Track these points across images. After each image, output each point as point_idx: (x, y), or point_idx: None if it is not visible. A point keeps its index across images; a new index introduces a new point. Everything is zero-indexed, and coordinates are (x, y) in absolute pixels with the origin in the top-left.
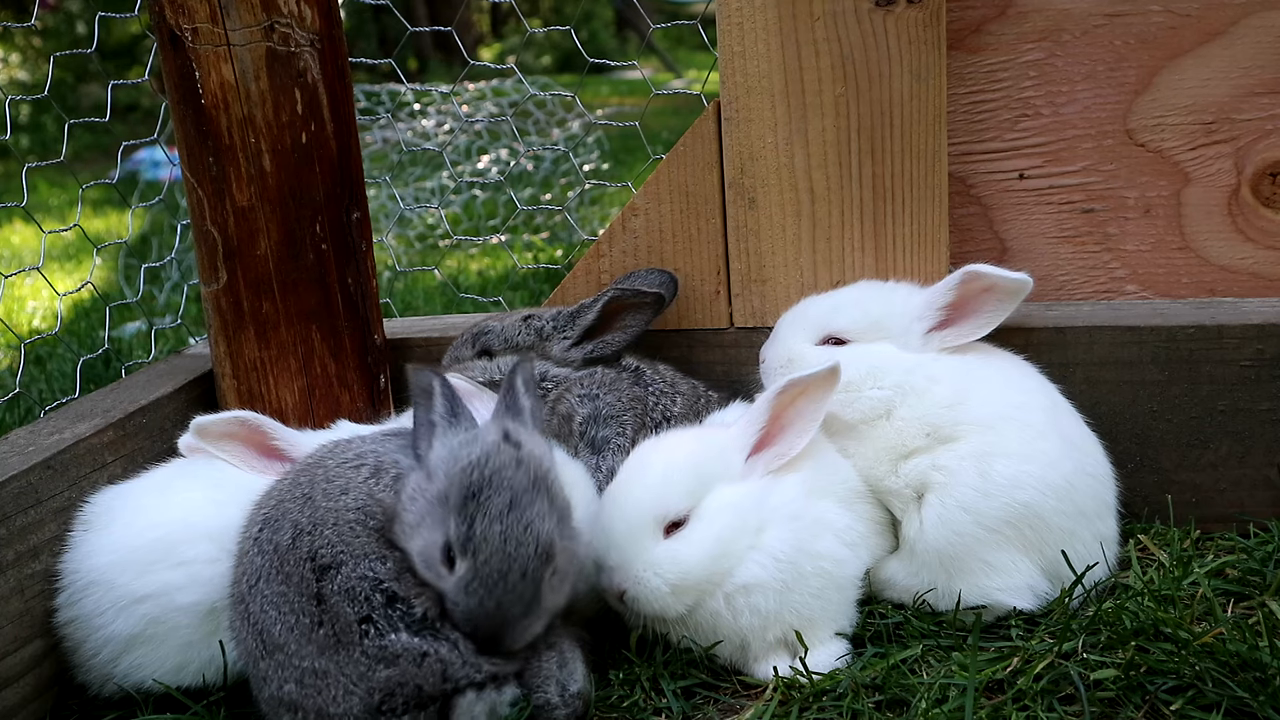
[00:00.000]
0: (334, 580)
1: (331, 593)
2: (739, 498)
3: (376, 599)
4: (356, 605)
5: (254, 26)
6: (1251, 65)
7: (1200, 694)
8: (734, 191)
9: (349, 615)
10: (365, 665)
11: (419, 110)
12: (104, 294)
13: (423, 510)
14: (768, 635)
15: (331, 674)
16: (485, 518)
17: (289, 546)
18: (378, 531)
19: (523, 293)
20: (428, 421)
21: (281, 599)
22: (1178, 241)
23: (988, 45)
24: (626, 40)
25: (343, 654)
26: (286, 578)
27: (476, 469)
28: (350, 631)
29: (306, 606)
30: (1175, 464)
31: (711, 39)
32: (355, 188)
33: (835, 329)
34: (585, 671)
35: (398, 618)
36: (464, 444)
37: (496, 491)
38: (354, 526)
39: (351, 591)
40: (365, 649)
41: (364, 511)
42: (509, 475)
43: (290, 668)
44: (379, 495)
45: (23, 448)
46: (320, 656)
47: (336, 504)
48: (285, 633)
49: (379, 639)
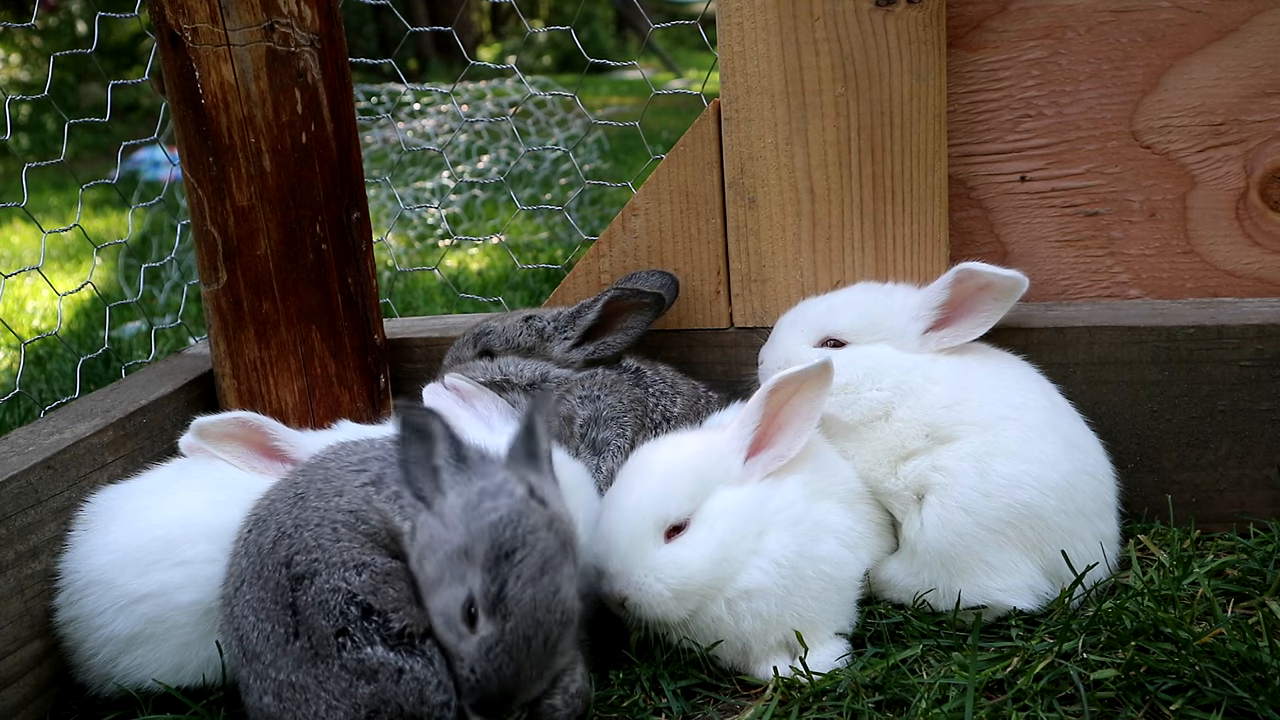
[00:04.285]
0: (308, 591)
1: (306, 604)
2: (740, 501)
3: (352, 612)
4: (331, 619)
5: (254, 26)
6: (1263, 65)
7: (1200, 694)
8: (734, 191)
9: (325, 628)
10: (346, 681)
11: (419, 110)
12: (104, 294)
13: (441, 564)
14: (769, 639)
15: (311, 689)
16: (518, 580)
17: (269, 550)
18: (369, 537)
19: (523, 293)
20: (429, 466)
21: (260, 604)
22: (1183, 245)
23: (989, 43)
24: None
25: (321, 668)
26: (265, 583)
27: (509, 527)
28: (328, 645)
29: (282, 616)
30: (1175, 464)
31: (711, 39)
32: (355, 188)
33: (833, 331)
34: (585, 671)
35: (374, 630)
36: (486, 495)
37: (530, 553)
38: (337, 529)
39: (325, 605)
40: (344, 662)
41: (356, 515)
42: (541, 537)
43: (268, 679)
44: (378, 503)
45: (23, 448)
46: (297, 670)
47: (327, 505)
48: (261, 641)
49: (356, 652)
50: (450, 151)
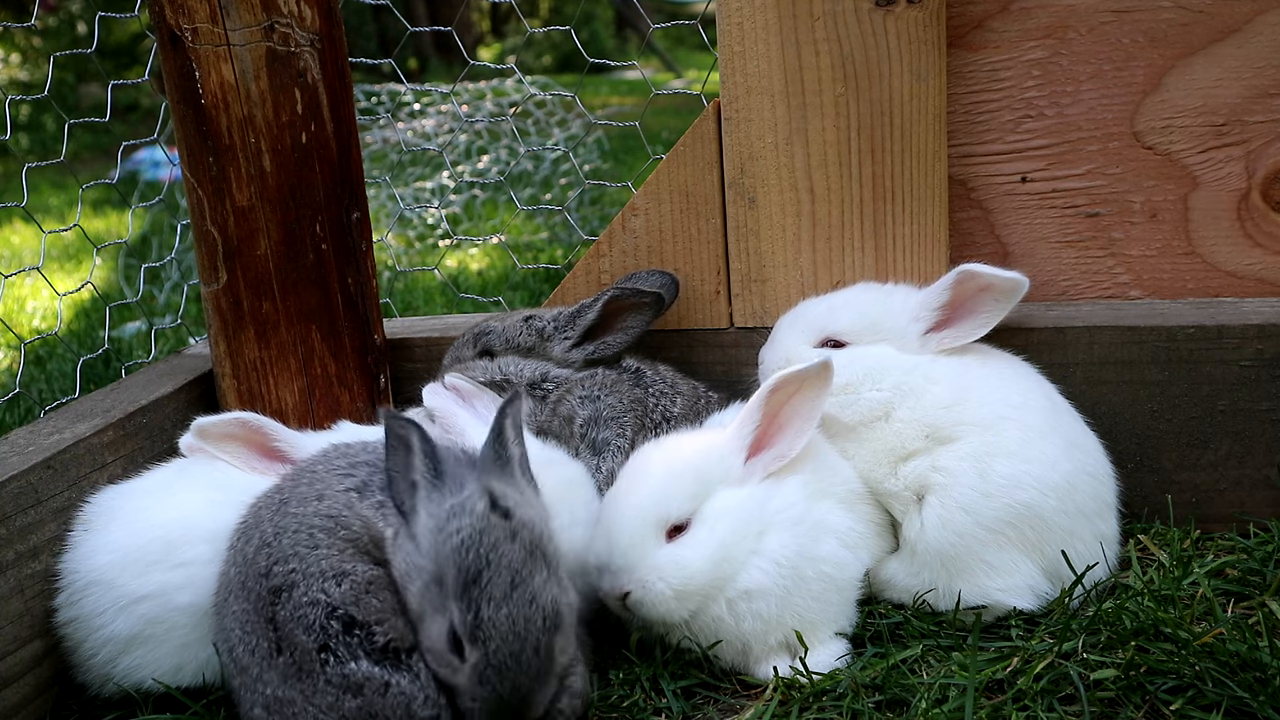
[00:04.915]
0: (285, 605)
1: (285, 619)
2: (740, 501)
3: (333, 626)
4: (312, 634)
5: (254, 26)
6: (1265, 65)
7: (1200, 694)
8: (734, 191)
9: (307, 644)
10: (333, 695)
11: (419, 110)
12: (104, 294)
13: (420, 596)
14: (769, 639)
15: (299, 703)
16: (490, 603)
17: (252, 559)
18: (350, 543)
19: (523, 293)
20: (408, 480)
21: (245, 617)
22: (1184, 246)
23: (989, 42)
24: (626, 40)
25: (307, 683)
26: (248, 594)
27: (470, 550)
28: (311, 660)
29: (265, 630)
30: (1175, 464)
31: (711, 39)
32: (355, 188)
33: (833, 331)
34: (585, 671)
35: (356, 644)
36: (451, 515)
37: (496, 573)
38: (314, 534)
39: (304, 619)
40: (329, 677)
41: (335, 520)
42: (505, 552)
43: (256, 692)
44: (360, 509)
45: (23, 448)
46: (283, 685)
47: (306, 510)
48: (247, 655)
49: (340, 667)
50: (450, 151)
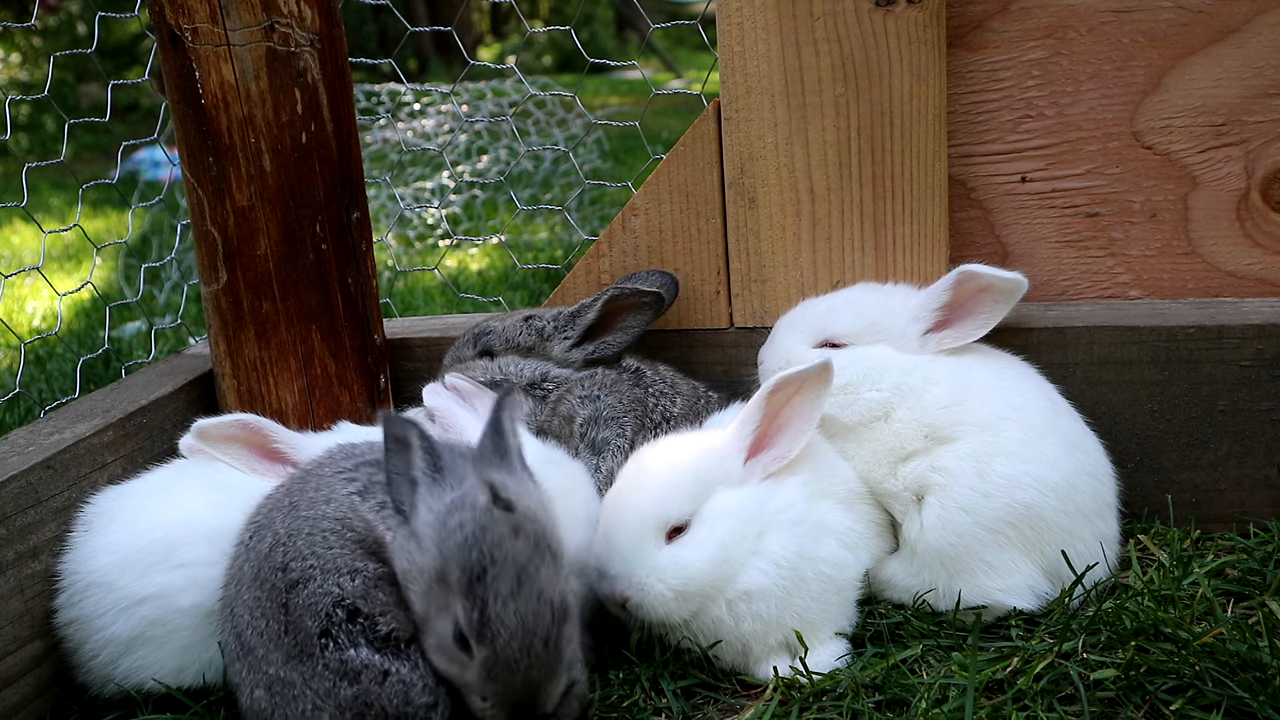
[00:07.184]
0: (300, 594)
1: (297, 605)
2: (740, 502)
3: (338, 614)
4: (317, 620)
5: (254, 26)
6: (1265, 65)
7: (1200, 694)
8: (734, 191)
9: (310, 628)
10: (330, 681)
11: (419, 110)
12: (104, 294)
13: (424, 596)
14: (769, 639)
15: (298, 686)
16: (497, 599)
17: (266, 554)
18: (358, 544)
19: (523, 293)
20: (408, 477)
21: (256, 603)
22: (1184, 246)
23: (989, 43)
24: (626, 40)
25: (306, 666)
26: (262, 584)
27: (474, 547)
28: (311, 644)
29: (276, 613)
30: (1175, 464)
31: (711, 39)
32: (355, 188)
33: (833, 332)
34: (585, 672)
35: (359, 632)
36: (451, 509)
37: (502, 569)
38: (327, 536)
39: (314, 607)
40: (326, 662)
41: (342, 522)
42: (510, 548)
43: (260, 672)
44: (363, 512)
45: (23, 448)
46: (286, 665)
47: (316, 513)
48: (255, 636)
49: (339, 653)
50: (450, 151)
